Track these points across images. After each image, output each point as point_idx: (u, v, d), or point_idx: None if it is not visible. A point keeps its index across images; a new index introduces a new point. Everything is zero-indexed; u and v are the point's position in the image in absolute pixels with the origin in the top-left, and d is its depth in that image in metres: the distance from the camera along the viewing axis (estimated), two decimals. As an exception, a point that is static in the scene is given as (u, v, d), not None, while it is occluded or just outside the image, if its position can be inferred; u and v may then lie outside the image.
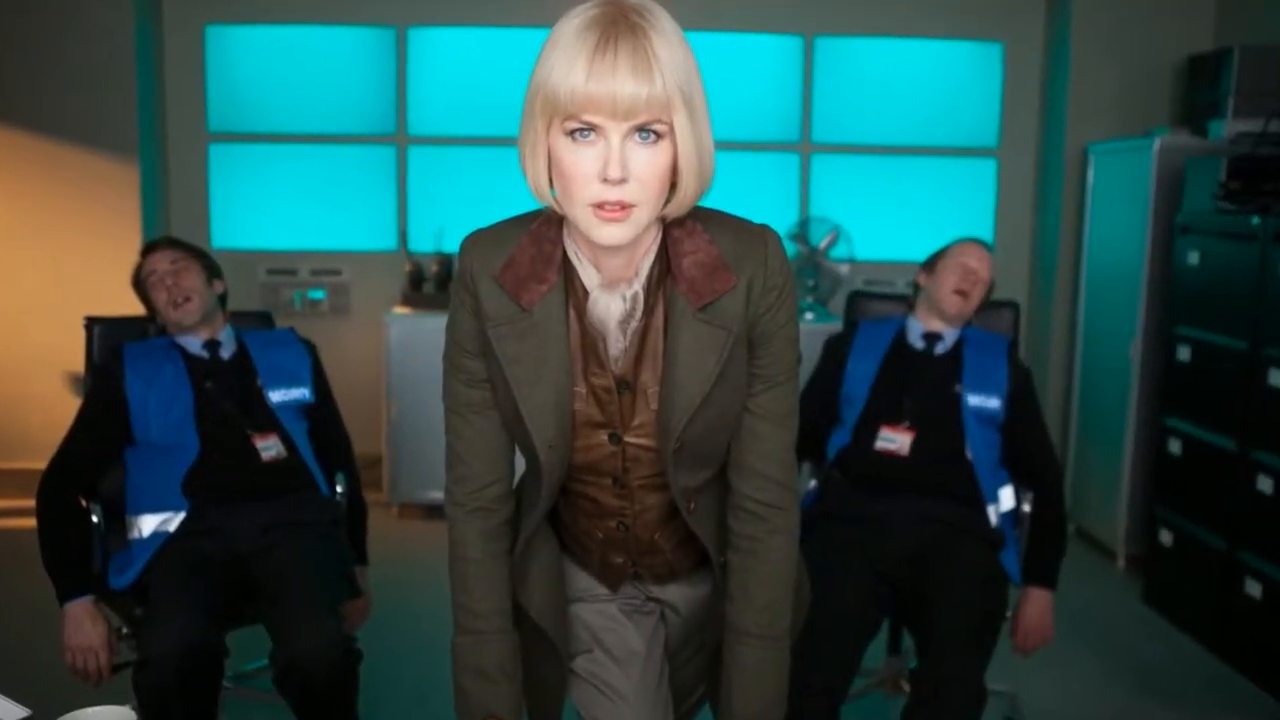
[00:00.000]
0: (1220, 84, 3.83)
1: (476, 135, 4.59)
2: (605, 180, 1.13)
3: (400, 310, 4.28)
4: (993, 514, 2.37)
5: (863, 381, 2.48)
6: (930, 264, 2.56)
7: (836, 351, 2.57)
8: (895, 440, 2.39)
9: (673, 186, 1.20)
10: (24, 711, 1.35)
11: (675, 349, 1.26)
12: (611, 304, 1.26)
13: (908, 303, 2.65)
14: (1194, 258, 3.37)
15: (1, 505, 4.18)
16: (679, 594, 1.51)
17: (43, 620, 2.66)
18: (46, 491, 2.23)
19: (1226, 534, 3.17)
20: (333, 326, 4.59)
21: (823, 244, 4.32)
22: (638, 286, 1.26)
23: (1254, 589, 3.03)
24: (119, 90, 4.24)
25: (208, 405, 2.32)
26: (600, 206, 1.15)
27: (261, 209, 4.63)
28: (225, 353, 2.41)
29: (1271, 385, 2.99)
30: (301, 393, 2.44)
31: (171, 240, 2.50)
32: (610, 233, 1.16)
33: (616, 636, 1.48)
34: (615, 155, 1.13)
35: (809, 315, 4.28)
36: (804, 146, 4.68)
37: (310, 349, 2.52)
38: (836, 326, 3.23)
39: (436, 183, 4.64)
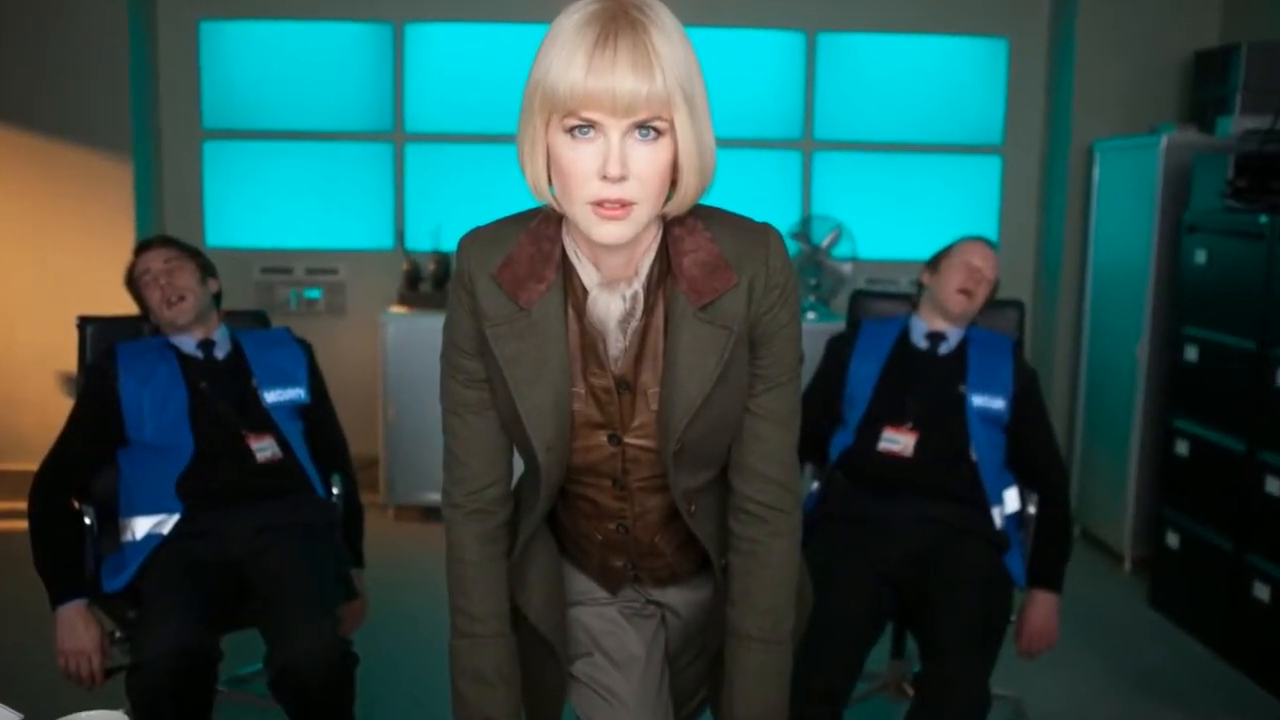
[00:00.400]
0: (1228, 80, 3.83)
1: (474, 132, 4.59)
2: (605, 178, 1.13)
3: (397, 309, 4.28)
4: (997, 516, 2.37)
5: (866, 382, 2.48)
6: (934, 263, 2.56)
7: (839, 351, 2.57)
8: (899, 441, 2.39)
9: (673, 184, 1.20)
10: (16, 716, 1.35)
11: (675, 349, 1.26)
12: (611, 303, 1.26)
13: (911, 302, 2.65)
14: (1201, 256, 3.37)
15: (-7, 507, 4.19)
16: (679, 597, 1.51)
17: (35, 624, 2.66)
18: (39, 493, 2.23)
19: (1234, 536, 3.17)
20: (329, 326, 4.59)
21: (825, 242, 4.32)
22: (637, 286, 1.26)
23: (1262, 592, 3.03)
24: (112, 87, 4.24)
25: (202, 406, 2.31)
26: (600, 204, 1.15)
27: (256, 207, 4.63)
28: (220, 353, 2.41)
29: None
30: (297, 393, 2.44)
31: (165, 239, 2.50)
32: (610, 231, 1.16)
33: (616, 640, 1.48)
34: (615, 152, 1.13)
35: (811, 315, 4.28)
36: (806, 144, 4.68)
37: (306, 349, 2.52)
38: (839, 326, 3.23)
39: (434, 180, 4.64)
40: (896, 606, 2.31)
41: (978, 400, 2.41)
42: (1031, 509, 2.46)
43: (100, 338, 2.49)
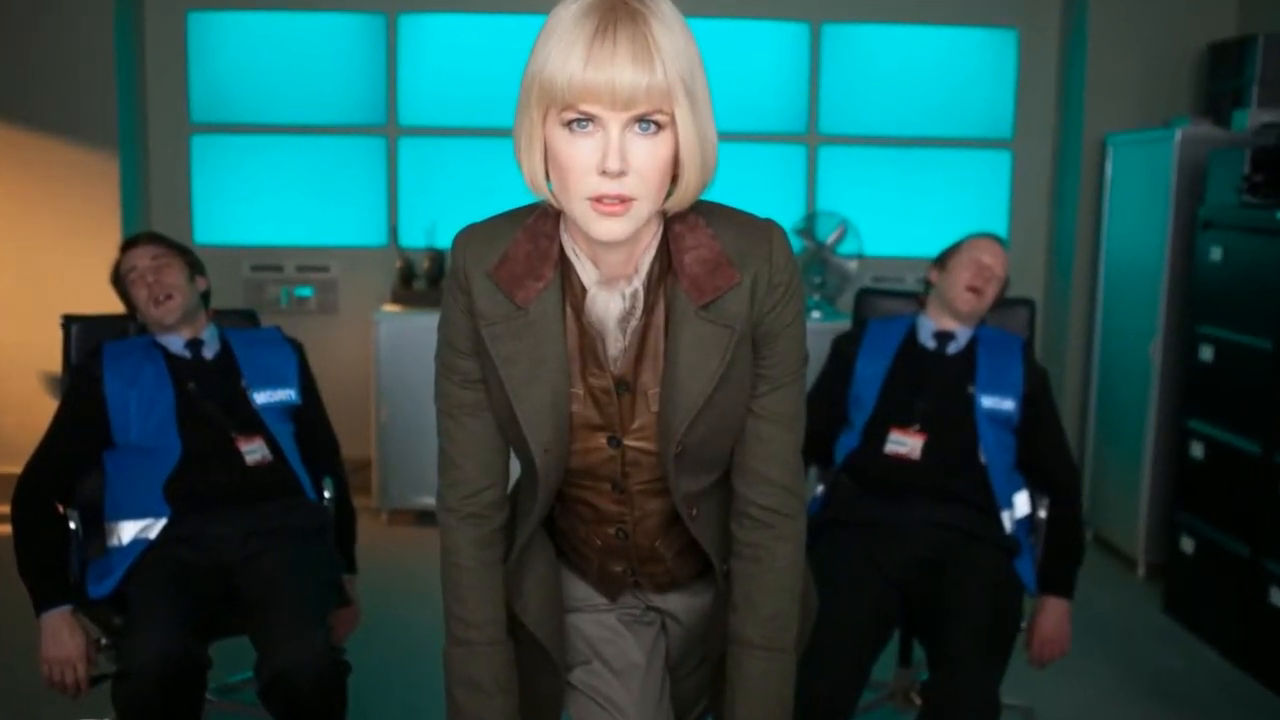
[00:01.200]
0: (1244, 72, 3.83)
1: (470, 126, 4.59)
2: (604, 173, 1.13)
3: (390, 308, 4.28)
4: (1007, 520, 2.37)
5: (872, 382, 2.48)
6: (942, 260, 2.56)
7: (845, 351, 2.57)
8: (906, 444, 2.39)
9: (674, 179, 1.20)
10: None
11: (676, 349, 1.26)
12: (610, 302, 1.26)
13: (919, 300, 2.65)
14: (1216, 253, 3.37)
15: (-25, 511, 4.19)
16: (680, 603, 1.51)
17: (18, 631, 2.66)
18: (22, 497, 2.23)
19: (1250, 541, 3.17)
20: (320, 325, 4.59)
21: (830, 239, 4.32)
22: (637, 284, 1.26)
23: (1278, 598, 3.03)
24: (98, 79, 4.24)
25: (190, 407, 2.32)
26: (599, 200, 1.15)
27: (246, 203, 4.63)
28: (208, 352, 2.41)
29: (1297, 386, 2.99)
30: (287, 394, 2.44)
31: (152, 235, 2.51)
32: (609, 227, 1.16)
33: (615, 648, 1.48)
34: (614, 147, 1.13)
35: (816, 313, 4.28)
36: (811, 138, 4.68)
37: (297, 348, 2.52)
38: (845, 325, 3.23)
39: (428, 175, 4.64)
40: (903, 613, 2.31)
41: (987, 401, 2.42)
42: (1042, 513, 2.46)
43: (85, 337, 2.50)
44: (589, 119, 1.13)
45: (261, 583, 2.16)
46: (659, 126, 1.14)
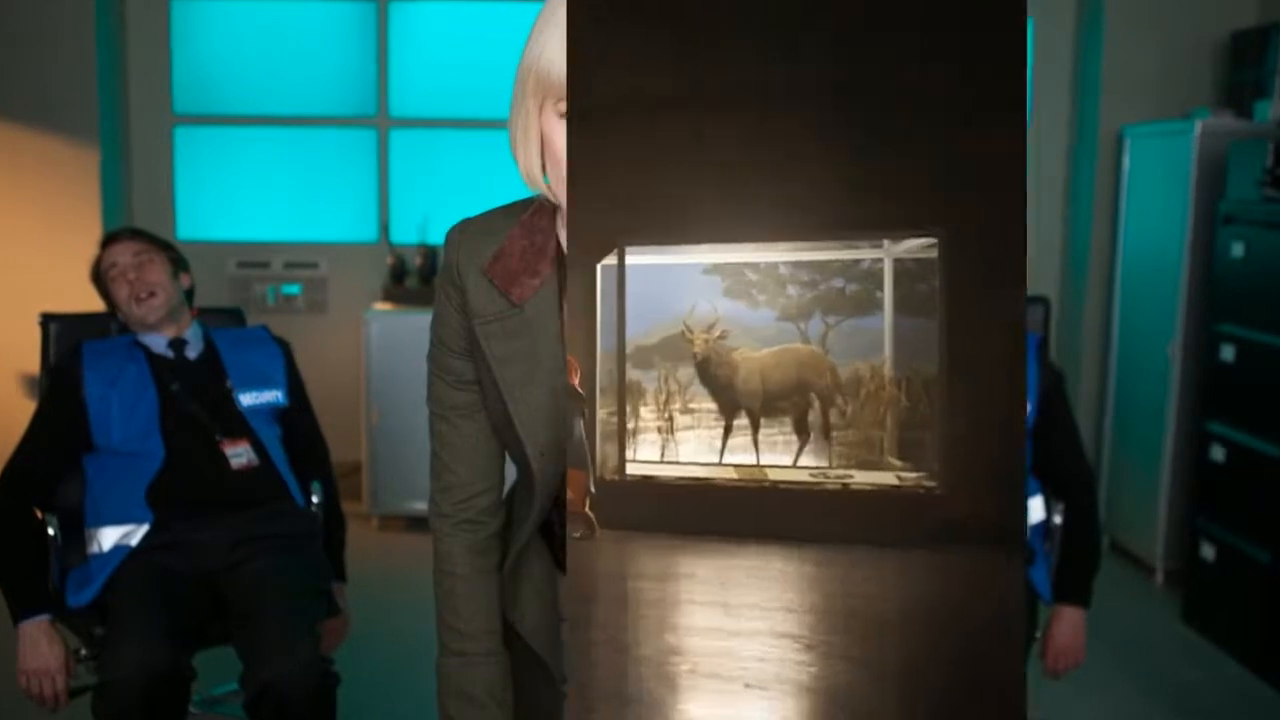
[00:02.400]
0: (1266, 62, 3.83)
1: (463, 118, 4.60)
2: (602, 166, 1.13)
3: (381, 306, 4.28)
4: (1020, 526, 2.37)
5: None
6: (953, 256, 2.56)
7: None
8: (915, 446, 2.39)
9: (675, 173, 1.20)
10: (-25, 739, 1.35)
11: (678, 348, 1.26)
12: (609, 300, 1.26)
13: (929, 298, 2.65)
14: (1238, 249, 3.37)
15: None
16: (682, 612, 1.51)
17: (-5, 641, 2.66)
18: (-1, 502, 2.23)
19: (1272, 548, 3.16)
20: (309, 324, 4.59)
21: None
22: (637, 281, 1.26)
23: (1302, 607, 3.03)
24: (77, 68, 4.24)
25: (173, 409, 2.32)
26: (597, 194, 1.15)
27: (231, 197, 4.63)
28: (192, 352, 2.41)
29: (1321, 387, 2.99)
30: (274, 395, 2.44)
31: (134, 231, 2.51)
32: (608, 223, 1.16)
33: (615, 658, 1.48)
34: (613, 139, 1.13)
35: (822, 311, 4.28)
36: (817, 129, 4.68)
37: (284, 348, 2.52)
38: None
39: (420, 169, 4.64)
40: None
41: (1000, 403, 2.41)
42: (1057, 518, 2.46)
43: (65, 336, 2.50)
44: (587, 110, 1.13)
45: (248, 591, 2.16)
46: (660, 118, 1.14)
